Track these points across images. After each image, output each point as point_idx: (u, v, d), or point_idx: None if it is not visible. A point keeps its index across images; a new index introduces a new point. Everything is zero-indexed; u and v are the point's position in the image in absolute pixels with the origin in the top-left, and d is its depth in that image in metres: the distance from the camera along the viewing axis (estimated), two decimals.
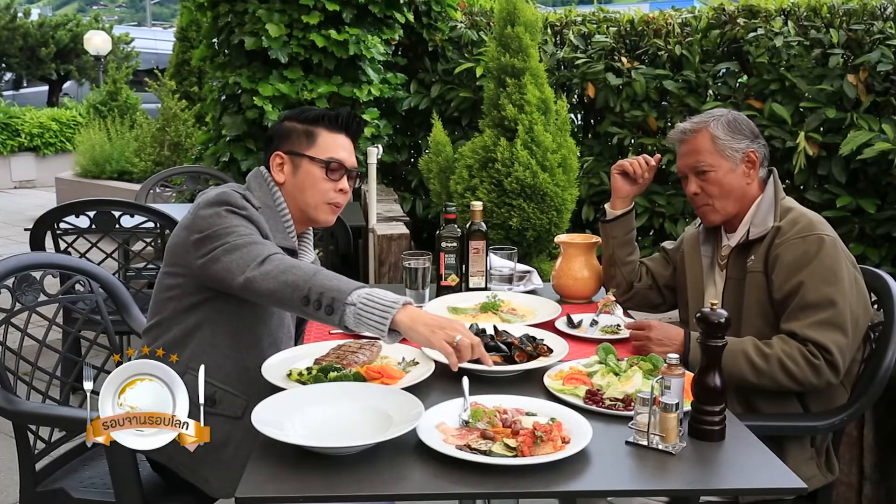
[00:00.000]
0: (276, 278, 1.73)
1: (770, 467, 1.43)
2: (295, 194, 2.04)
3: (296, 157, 2.03)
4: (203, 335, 1.91)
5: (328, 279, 1.71)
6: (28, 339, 2.12)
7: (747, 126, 2.16)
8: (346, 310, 1.66)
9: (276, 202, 2.02)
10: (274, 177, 2.04)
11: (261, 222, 1.91)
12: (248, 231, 1.85)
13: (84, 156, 9.34)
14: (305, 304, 1.70)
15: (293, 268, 1.74)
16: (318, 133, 2.04)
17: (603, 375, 1.75)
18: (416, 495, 1.40)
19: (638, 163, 2.35)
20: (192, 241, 1.87)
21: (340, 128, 2.06)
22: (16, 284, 2.13)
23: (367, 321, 1.67)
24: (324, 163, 2.02)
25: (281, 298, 1.74)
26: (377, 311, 1.66)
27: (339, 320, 1.68)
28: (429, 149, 5.09)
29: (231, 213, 1.87)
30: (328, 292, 1.68)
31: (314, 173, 2.02)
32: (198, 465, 1.90)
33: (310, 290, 1.69)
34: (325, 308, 1.68)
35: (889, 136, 3.89)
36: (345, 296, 1.67)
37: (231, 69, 5.32)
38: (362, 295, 1.67)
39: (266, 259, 1.77)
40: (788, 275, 1.99)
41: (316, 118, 2.05)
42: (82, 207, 3.46)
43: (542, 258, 4.34)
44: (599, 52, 5.06)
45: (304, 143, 2.03)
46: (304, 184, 2.02)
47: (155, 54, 17.73)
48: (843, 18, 4.33)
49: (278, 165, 2.04)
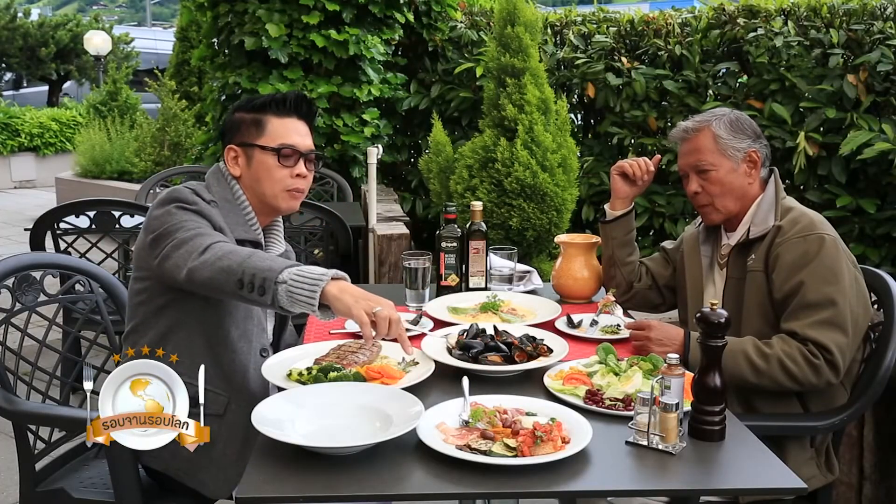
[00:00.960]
0: (213, 265, 1.71)
1: (770, 467, 1.43)
2: (252, 186, 2.01)
3: (248, 148, 2.00)
4: (177, 337, 1.90)
5: (260, 260, 1.69)
6: (28, 339, 2.11)
7: (749, 126, 2.16)
8: (277, 288, 1.64)
9: (235, 196, 2.01)
10: (230, 170, 2.02)
11: (212, 216, 1.88)
12: (195, 225, 1.83)
13: (84, 156, 9.34)
14: (240, 288, 1.67)
15: (229, 253, 1.72)
16: (266, 120, 2.00)
17: (603, 375, 1.75)
18: (416, 495, 1.40)
19: (637, 164, 2.34)
20: (147, 242, 1.87)
21: (289, 111, 2.02)
22: (16, 284, 2.13)
23: (298, 297, 1.63)
24: (274, 150, 1.98)
25: (218, 285, 1.71)
26: (307, 286, 1.63)
27: (273, 300, 1.65)
28: (429, 149, 5.10)
29: (180, 210, 1.85)
30: (259, 273, 1.66)
31: (267, 162, 1.99)
32: (193, 469, 1.90)
33: (243, 274, 1.67)
34: (258, 289, 1.65)
35: (889, 136, 3.89)
36: (275, 274, 1.64)
37: (231, 69, 5.32)
38: (292, 272, 1.65)
39: (206, 248, 1.75)
40: (789, 274, 1.99)
41: (263, 105, 2.01)
42: (82, 207, 3.46)
43: (542, 258, 4.34)
44: (599, 52, 5.06)
45: (253, 133, 2.00)
46: (259, 174, 1.99)
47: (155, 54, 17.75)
48: (843, 18, 4.33)
49: (233, 159, 2.02)
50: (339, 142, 5.33)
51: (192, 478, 1.91)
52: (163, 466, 1.92)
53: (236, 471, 1.89)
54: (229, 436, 1.91)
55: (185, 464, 1.89)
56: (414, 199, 5.68)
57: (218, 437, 1.90)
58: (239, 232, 1.95)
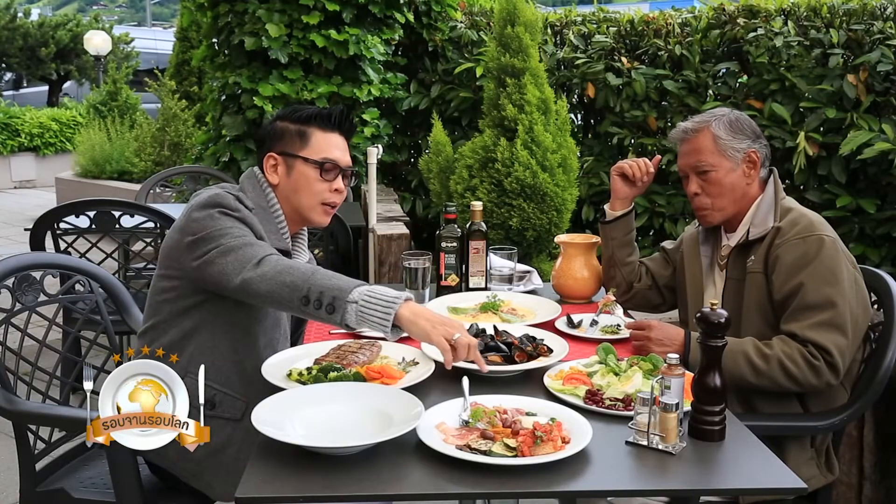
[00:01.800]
0: (274, 279, 1.72)
1: (770, 467, 1.43)
2: (289, 195, 2.02)
3: (289, 158, 2.01)
4: (201, 338, 1.91)
5: (327, 278, 1.71)
6: (28, 339, 2.11)
7: (749, 126, 2.16)
8: (347, 308, 1.66)
9: (269, 203, 2.01)
10: (268, 178, 2.03)
11: (254, 224, 1.90)
12: (241, 233, 1.84)
13: (84, 156, 9.34)
14: (305, 304, 1.69)
15: (290, 268, 1.74)
16: (311, 133, 2.01)
17: (603, 375, 1.75)
18: (416, 495, 1.40)
19: (637, 165, 2.34)
20: (186, 244, 1.86)
21: (333, 126, 2.04)
22: (16, 284, 2.13)
23: (370, 318, 1.66)
24: (318, 163, 2.00)
25: (279, 299, 1.73)
26: (380, 308, 1.65)
27: (341, 319, 1.67)
28: (429, 149, 5.10)
29: (224, 216, 1.86)
30: (328, 291, 1.68)
31: (308, 174, 2.00)
32: (201, 470, 1.90)
33: (309, 290, 1.69)
34: (326, 307, 1.67)
35: (889, 136, 3.89)
36: (346, 294, 1.66)
37: (231, 69, 5.32)
38: (363, 292, 1.67)
39: (262, 260, 1.76)
40: (788, 276, 1.99)
41: (308, 118, 2.03)
42: (82, 207, 3.46)
43: (542, 258, 4.34)
44: (599, 52, 5.06)
45: (297, 144, 2.01)
46: (298, 185, 2.01)
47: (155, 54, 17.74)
48: (843, 18, 4.33)
49: (272, 167, 2.03)
50: None
51: (199, 479, 1.91)
52: (169, 465, 1.92)
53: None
54: (244, 440, 1.90)
55: (194, 466, 1.89)
56: (414, 199, 5.68)
57: (232, 441, 1.90)
58: (272, 240, 1.95)
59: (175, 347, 1.90)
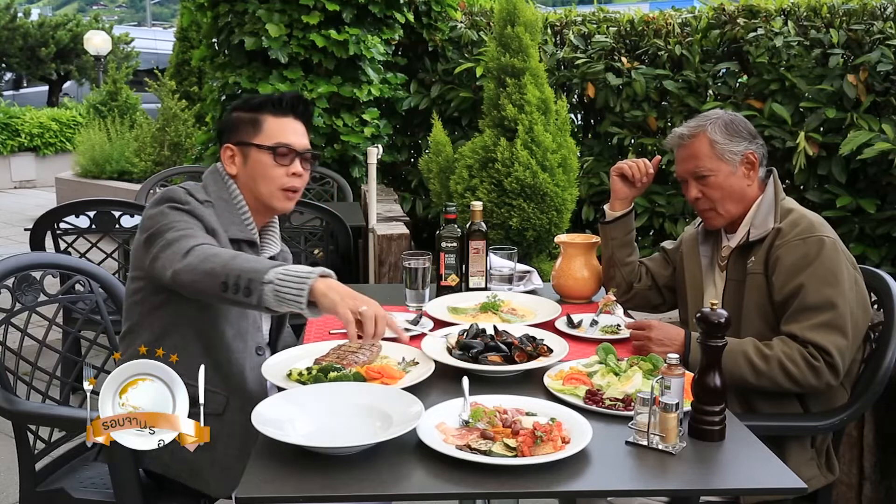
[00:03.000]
0: (196, 269, 1.71)
1: (770, 467, 1.43)
2: (249, 184, 2.02)
3: (244, 147, 2.02)
4: (172, 338, 1.90)
5: (245, 262, 1.69)
6: (28, 339, 2.11)
7: (745, 127, 2.15)
8: (263, 289, 1.63)
9: (231, 195, 2.01)
10: (227, 169, 2.03)
11: (204, 216, 1.89)
12: (185, 226, 1.83)
13: (84, 156, 9.34)
14: (224, 290, 1.66)
15: (213, 256, 1.72)
16: (263, 119, 2.01)
17: (603, 375, 1.75)
18: (416, 495, 1.40)
19: (637, 166, 2.34)
20: (142, 242, 1.89)
21: (286, 111, 2.03)
22: (16, 284, 2.13)
23: (286, 296, 1.63)
24: (271, 149, 1.99)
25: (203, 288, 1.71)
26: (294, 284, 1.63)
27: (259, 301, 1.64)
28: (429, 149, 5.10)
29: (173, 210, 1.86)
30: (245, 274, 1.65)
31: (263, 161, 2.00)
32: (195, 469, 1.90)
33: (227, 276, 1.66)
34: (244, 290, 1.64)
35: (889, 136, 3.89)
36: (261, 275, 1.64)
37: (231, 69, 5.32)
38: (278, 272, 1.64)
39: (189, 251, 1.75)
40: (789, 277, 1.99)
41: (260, 104, 2.03)
42: (82, 207, 3.46)
43: (542, 258, 4.34)
44: (599, 52, 5.06)
45: (250, 132, 2.01)
46: (255, 173, 2.00)
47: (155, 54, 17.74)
48: (843, 18, 4.33)
49: (229, 158, 2.03)
50: (339, 142, 5.33)
51: (195, 478, 1.91)
52: (163, 469, 1.92)
53: (239, 469, 1.87)
54: (229, 434, 1.91)
55: (187, 465, 1.89)
56: (414, 199, 5.68)
57: (219, 437, 1.90)
58: (234, 231, 1.95)
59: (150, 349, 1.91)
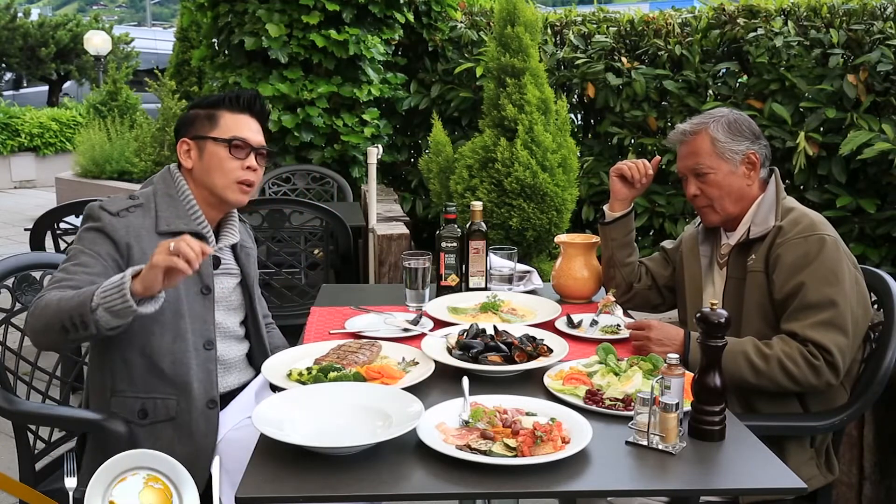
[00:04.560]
0: (36, 328, 1.79)
1: (770, 467, 1.43)
2: (203, 177, 2.05)
3: (200, 141, 2.05)
4: (112, 357, 1.93)
5: (68, 301, 1.74)
6: (28, 339, 2.11)
7: (748, 127, 2.15)
8: (96, 315, 1.68)
9: (178, 191, 2.04)
10: (182, 164, 2.07)
11: (115, 231, 1.92)
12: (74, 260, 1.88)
13: (84, 156, 9.33)
14: (66, 333, 1.73)
15: (44, 308, 1.77)
16: (220, 115, 2.06)
17: (603, 375, 1.75)
18: (416, 495, 1.40)
19: (636, 167, 2.34)
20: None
21: (243, 108, 2.08)
22: (16, 284, 2.13)
23: (116, 306, 1.68)
24: (226, 141, 2.03)
25: (53, 339, 1.79)
26: (116, 293, 1.68)
27: (97, 328, 1.70)
28: (429, 149, 5.10)
29: (86, 231, 1.93)
30: (75, 312, 1.71)
31: (219, 154, 2.03)
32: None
33: (62, 321, 1.73)
34: (81, 326, 1.71)
35: (889, 136, 3.89)
36: (87, 304, 1.69)
37: (231, 69, 5.32)
38: (98, 293, 1.69)
39: (32, 309, 1.81)
40: (789, 275, 1.99)
41: (217, 101, 2.08)
42: (82, 207, 3.43)
43: (542, 258, 4.34)
44: (599, 52, 5.06)
45: (206, 126, 2.05)
46: (210, 165, 2.03)
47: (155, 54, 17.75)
48: (843, 18, 4.33)
49: (185, 152, 2.06)
50: (339, 142, 5.33)
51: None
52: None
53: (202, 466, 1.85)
54: (185, 435, 1.93)
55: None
56: (414, 199, 5.68)
57: (175, 440, 1.92)
58: (178, 224, 1.98)
59: (96, 370, 1.96)
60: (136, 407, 1.91)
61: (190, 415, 1.93)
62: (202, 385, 1.95)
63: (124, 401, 1.92)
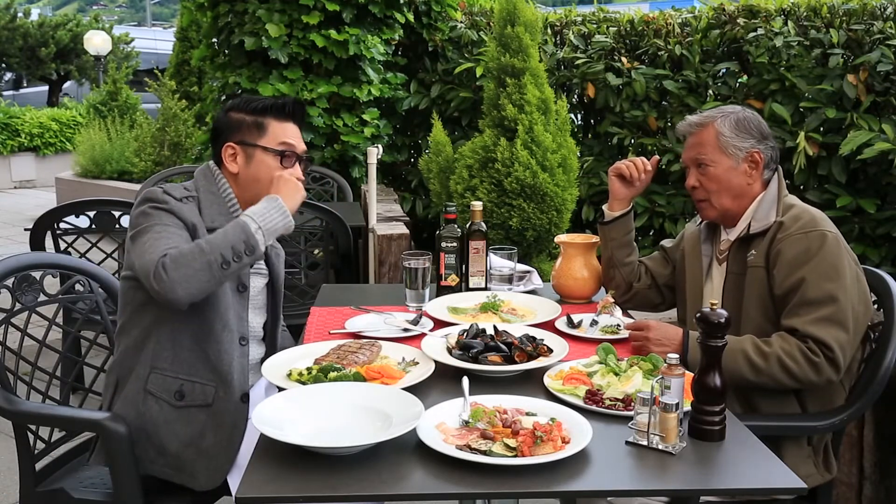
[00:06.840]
0: (188, 269, 1.79)
1: (770, 467, 1.43)
2: (250, 183, 2.07)
3: (248, 148, 2.07)
4: (161, 332, 1.94)
5: (214, 239, 1.84)
6: (28, 339, 2.11)
7: (756, 126, 2.15)
8: (257, 237, 1.85)
9: (220, 189, 2.07)
10: (227, 167, 2.08)
11: (181, 211, 1.94)
12: (162, 227, 1.90)
13: (84, 156, 9.34)
14: (228, 266, 1.82)
15: (185, 256, 1.80)
16: (267, 123, 2.08)
17: (603, 375, 1.75)
18: (416, 495, 1.40)
19: (634, 165, 2.34)
20: (129, 240, 1.95)
21: (288, 116, 2.11)
22: (16, 284, 2.13)
23: (276, 229, 1.90)
24: (277, 152, 2.06)
25: (205, 280, 1.81)
26: (277, 214, 1.90)
27: (258, 249, 1.86)
28: (429, 149, 5.10)
29: (153, 209, 1.93)
30: (237, 241, 1.83)
31: (268, 162, 2.06)
32: (181, 464, 1.91)
33: (223, 255, 1.81)
34: (247, 252, 1.84)
35: (889, 136, 3.89)
36: (248, 233, 1.85)
37: (231, 69, 5.32)
38: (256, 220, 1.87)
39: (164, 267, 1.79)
40: (790, 270, 1.99)
41: (264, 109, 2.09)
42: (82, 207, 3.46)
43: (542, 258, 4.34)
44: (599, 52, 5.07)
45: (255, 134, 2.07)
46: (259, 173, 2.06)
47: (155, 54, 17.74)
48: (843, 18, 4.33)
49: (231, 156, 2.08)
50: (339, 142, 5.34)
51: (181, 473, 1.92)
52: (146, 469, 1.92)
53: (226, 458, 1.92)
54: (217, 423, 1.93)
55: (174, 460, 1.91)
56: (414, 199, 5.68)
57: (206, 427, 1.93)
58: (221, 221, 1.99)
59: (139, 345, 1.95)
60: (175, 387, 1.92)
61: (225, 405, 1.94)
62: (239, 378, 1.98)
63: (164, 379, 1.92)
